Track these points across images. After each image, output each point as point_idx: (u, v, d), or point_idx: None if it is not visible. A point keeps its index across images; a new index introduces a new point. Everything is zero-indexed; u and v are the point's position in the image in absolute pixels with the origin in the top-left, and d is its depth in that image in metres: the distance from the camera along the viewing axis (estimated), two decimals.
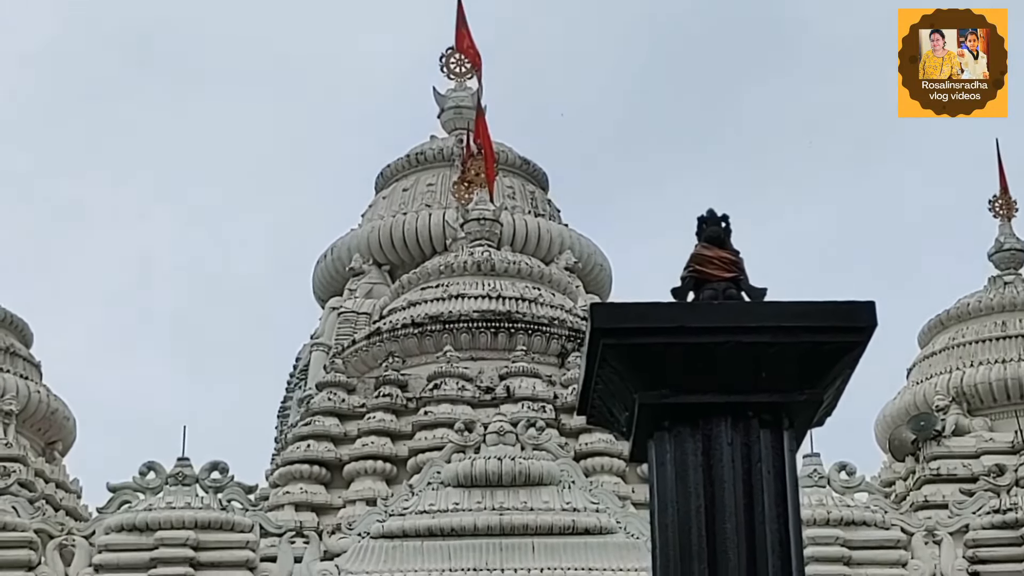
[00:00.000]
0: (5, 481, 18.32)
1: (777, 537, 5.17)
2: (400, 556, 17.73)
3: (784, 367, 5.11)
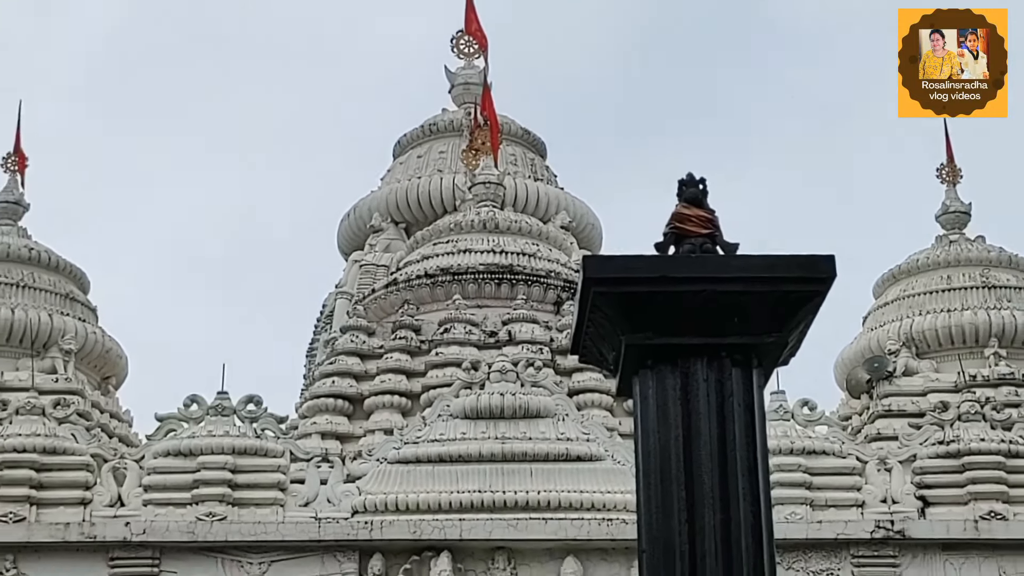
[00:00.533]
0: (64, 411, 18.35)
1: (746, 463, 5.18)
2: (413, 479, 17.78)
3: (754, 313, 5.12)
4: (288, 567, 16.98)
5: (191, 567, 16.97)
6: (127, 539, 16.96)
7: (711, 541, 5.05)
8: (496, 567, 17.11)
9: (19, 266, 22.28)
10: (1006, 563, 17.27)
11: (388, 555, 17.01)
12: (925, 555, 17.26)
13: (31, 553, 16.97)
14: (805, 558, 17.02)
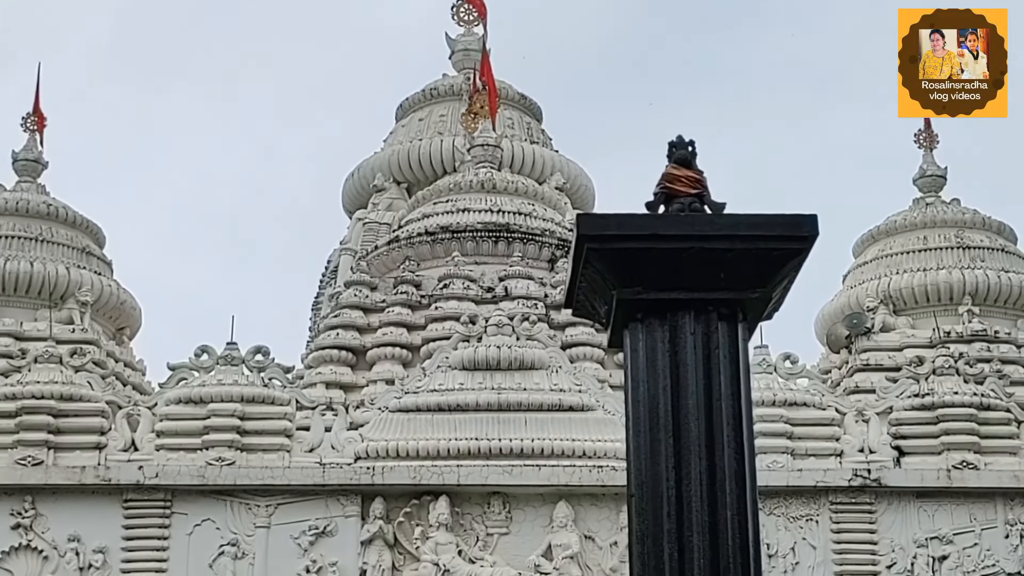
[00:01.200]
0: (81, 360, 18.37)
1: (731, 412, 5.19)
2: (413, 427, 17.82)
3: (740, 269, 5.11)
4: (294, 510, 17.04)
5: (202, 509, 17.03)
6: (140, 482, 17.01)
7: (697, 486, 5.06)
8: (492, 511, 17.17)
9: (38, 221, 22.28)
10: (977, 510, 17.34)
11: (389, 499, 17.06)
12: (900, 502, 17.33)
13: (49, 495, 17.02)
14: (786, 504, 17.08)
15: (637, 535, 5.17)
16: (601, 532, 16.97)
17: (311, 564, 16.79)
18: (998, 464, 17.62)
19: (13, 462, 17.14)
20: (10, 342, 20.41)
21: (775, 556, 16.78)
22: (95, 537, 16.87)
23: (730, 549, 5.05)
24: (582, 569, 16.83)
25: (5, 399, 17.63)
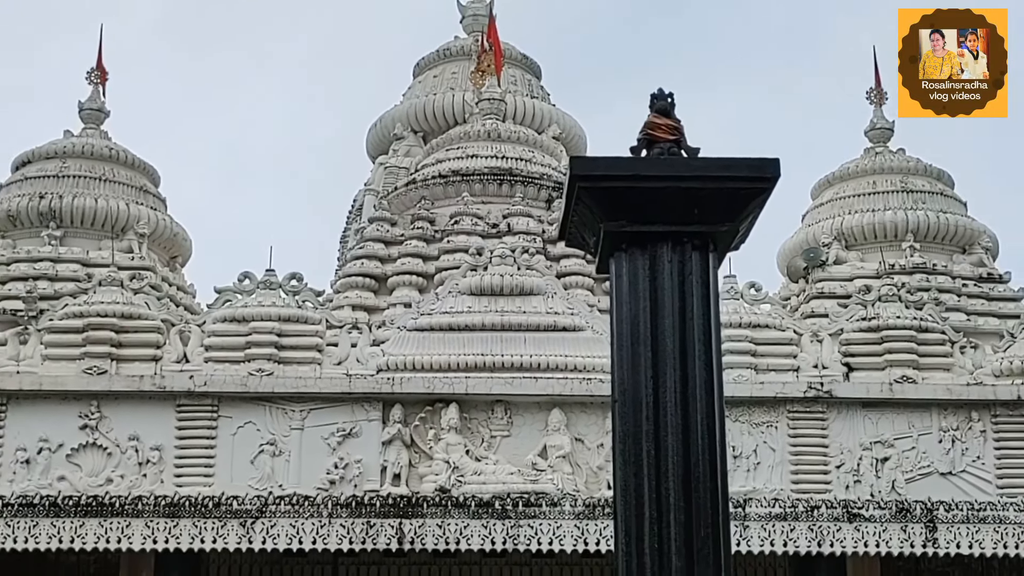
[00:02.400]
0: (139, 283, 18.37)
1: (702, 330, 5.19)
2: (428, 344, 17.86)
3: (711, 206, 5.11)
4: (324, 414, 17.09)
5: (244, 413, 17.09)
6: (191, 390, 17.06)
7: (671, 394, 5.08)
8: (495, 416, 17.22)
9: (101, 163, 22.24)
10: (915, 418, 17.39)
11: (406, 405, 17.11)
12: (848, 411, 17.38)
13: (111, 400, 17.08)
14: (749, 412, 17.14)
15: (619, 435, 5.20)
16: (589, 435, 17.03)
17: (338, 461, 16.87)
18: (934, 379, 17.66)
19: (81, 371, 17.19)
20: (78, 268, 20.46)
21: (739, 457, 16.86)
22: (152, 436, 16.93)
23: (700, 448, 5.08)
24: (573, 467, 16.90)
25: (73, 317, 17.66)
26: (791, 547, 16.42)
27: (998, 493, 17.04)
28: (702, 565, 4.93)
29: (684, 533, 4.94)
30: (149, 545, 16.17)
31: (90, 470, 16.80)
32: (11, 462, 16.79)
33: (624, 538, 5.07)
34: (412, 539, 16.20)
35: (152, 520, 16.19)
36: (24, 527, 16.13)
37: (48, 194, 21.41)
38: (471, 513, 16.27)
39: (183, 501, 16.34)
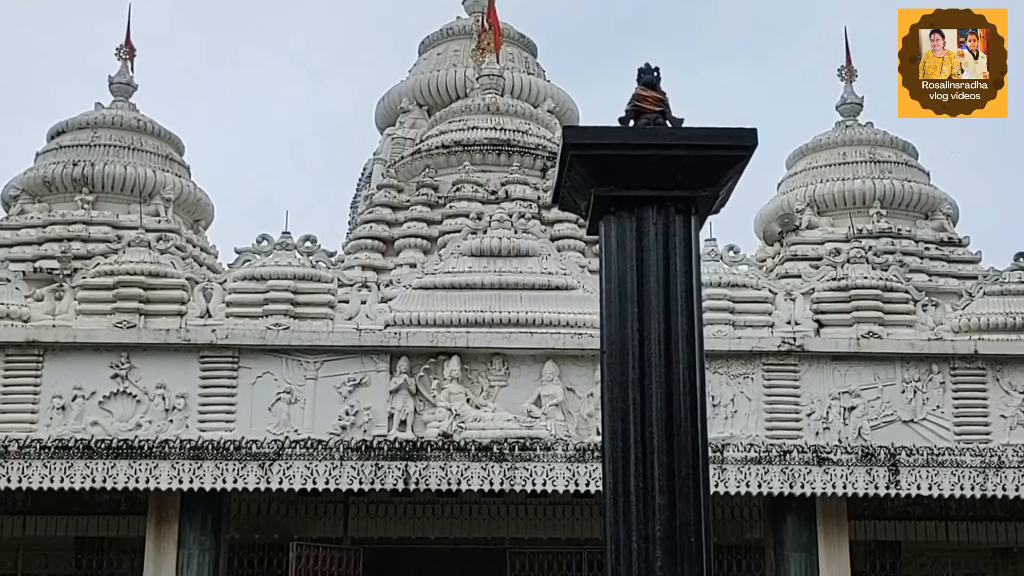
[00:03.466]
0: (165, 244, 18.34)
1: (684, 288, 5.18)
2: (431, 301, 17.86)
3: (693, 172, 5.09)
4: (336, 365, 17.11)
5: (262, 364, 17.11)
6: (213, 342, 17.07)
7: (656, 346, 5.07)
8: (493, 368, 17.25)
9: (130, 133, 22.18)
10: (880, 371, 17.42)
11: (412, 358, 17.14)
12: (818, 364, 17.40)
13: (140, 351, 17.10)
14: (727, 364, 17.17)
15: (607, 384, 5.20)
16: (580, 385, 17.06)
17: (349, 408, 16.90)
18: (897, 335, 17.69)
19: (112, 325, 17.20)
20: (108, 230, 20.42)
21: (718, 406, 16.90)
22: (178, 385, 16.96)
23: (681, 397, 5.08)
24: (565, 414, 16.94)
25: (105, 275, 17.65)
26: (765, 488, 16.49)
27: (956, 439, 17.10)
28: (683, 503, 4.94)
29: (667, 474, 4.95)
30: (175, 485, 16.24)
31: (120, 416, 16.84)
32: (47, 408, 16.83)
33: (611, 479, 5.08)
34: (417, 480, 16.26)
35: (178, 462, 16.24)
36: (60, 468, 16.19)
37: (81, 162, 21.37)
38: (471, 456, 16.33)
39: (206, 445, 16.38)
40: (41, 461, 16.18)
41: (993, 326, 17.84)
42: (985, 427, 17.22)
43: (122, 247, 18.19)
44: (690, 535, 4.91)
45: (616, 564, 4.95)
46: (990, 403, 17.35)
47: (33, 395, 16.88)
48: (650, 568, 4.85)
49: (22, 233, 20.76)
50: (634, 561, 4.88)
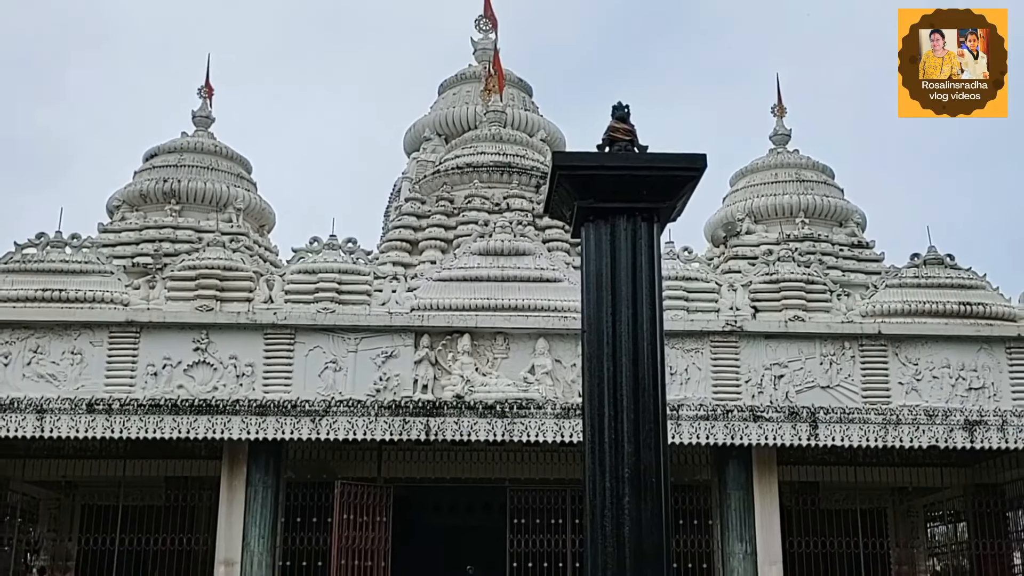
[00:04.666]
0: (237, 244, 18.34)
1: (648, 280, 5.17)
2: (447, 290, 17.82)
3: (655, 188, 5.07)
4: (371, 341, 17.12)
5: (313, 340, 17.10)
6: (275, 322, 17.07)
7: (625, 326, 5.07)
8: (496, 344, 17.24)
9: (208, 156, 22.15)
10: (803, 347, 17.43)
11: (432, 335, 17.14)
12: (754, 341, 17.41)
13: (217, 329, 17.09)
14: (682, 341, 17.17)
15: (587, 357, 5.20)
16: (565, 357, 17.06)
17: (382, 375, 16.91)
18: (817, 318, 17.68)
19: (194, 308, 17.21)
20: (191, 233, 20.42)
21: (675, 374, 16.89)
22: (246, 356, 16.96)
23: (645, 367, 5.08)
24: (553, 381, 16.94)
25: (188, 268, 17.63)
26: (711, 439, 16.50)
27: (863, 401, 17.11)
28: (646, 451, 4.95)
29: (633, 428, 4.95)
30: (244, 435, 16.25)
31: (201, 380, 16.85)
32: (143, 374, 16.84)
33: (590, 432, 5.08)
34: (436, 432, 16.27)
35: (246, 417, 16.25)
36: (153, 422, 16.20)
37: (170, 179, 21.35)
38: (479, 413, 16.33)
39: (269, 403, 16.39)
40: (138, 416, 16.20)
41: (893, 312, 17.84)
42: (886, 392, 17.23)
43: (202, 247, 18.18)
44: (652, 476, 4.92)
45: (593, 499, 4.96)
46: (890, 373, 17.36)
47: (132, 364, 16.88)
48: (619, 502, 4.86)
49: (123, 235, 20.75)
50: (607, 496, 4.89)
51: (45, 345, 16.85)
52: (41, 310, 17.01)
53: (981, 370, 17.35)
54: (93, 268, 17.59)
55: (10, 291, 17.23)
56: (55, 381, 16.68)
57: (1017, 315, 17.97)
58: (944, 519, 22.03)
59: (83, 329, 16.92)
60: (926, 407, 16.88)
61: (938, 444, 16.56)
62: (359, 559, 16.79)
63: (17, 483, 19.82)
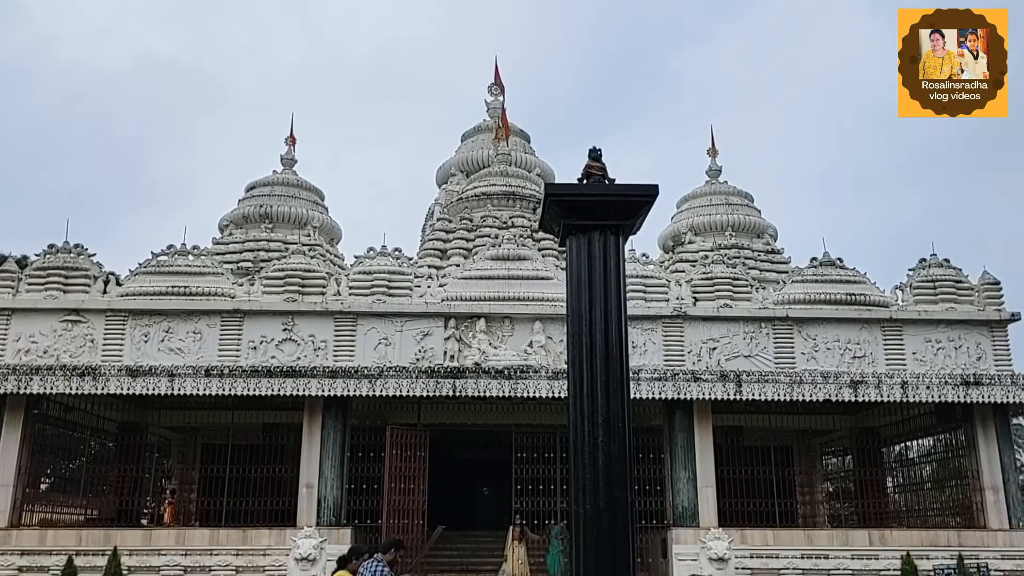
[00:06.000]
0: (313, 252, 18.32)
1: (616, 277, 5.16)
2: (468, 287, 17.77)
3: (621, 210, 5.07)
4: (412, 324, 17.10)
5: (370, 322, 17.07)
6: (342, 310, 17.07)
7: (599, 312, 5.05)
8: (505, 325, 17.21)
9: (293, 188, 22.16)
10: (730, 327, 17.40)
11: (457, 319, 17.12)
12: (695, 323, 17.37)
13: (299, 315, 17.11)
14: (641, 323, 17.14)
15: (571, 334, 5.19)
16: (555, 335, 17.05)
17: (421, 348, 16.90)
18: (741, 306, 17.64)
19: (283, 300, 17.21)
20: (280, 244, 20.43)
21: (635, 347, 16.89)
22: (321, 335, 16.97)
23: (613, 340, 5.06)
24: (546, 352, 16.92)
25: (279, 270, 17.61)
26: (663, 395, 16.47)
27: (775, 366, 17.07)
28: (614, 403, 4.95)
29: (605, 386, 4.95)
30: (320, 393, 16.26)
31: (288, 353, 16.87)
32: (246, 348, 16.86)
33: (573, 389, 5.08)
34: (460, 390, 16.26)
35: (321, 380, 16.26)
36: (253, 383, 16.21)
37: (264, 205, 21.37)
38: (492, 376, 16.32)
39: (338, 369, 16.39)
40: (242, 379, 16.21)
41: (797, 300, 17.78)
42: (792, 360, 17.19)
43: (288, 255, 18.16)
44: (619, 421, 4.92)
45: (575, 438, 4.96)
46: (795, 346, 17.31)
47: (237, 341, 16.90)
48: (595, 441, 4.86)
49: (231, 246, 20.77)
50: (586, 436, 4.89)
51: (174, 327, 16.89)
52: (171, 301, 17.04)
53: (863, 343, 17.31)
54: (209, 270, 17.61)
55: (149, 287, 17.27)
56: (181, 354, 16.72)
57: (889, 302, 17.92)
58: (835, 453, 22.01)
59: (202, 315, 16.95)
60: (822, 371, 16.85)
61: (831, 398, 16.53)
62: (404, 483, 16.82)
63: (154, 428, 19.89)
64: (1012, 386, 16.53)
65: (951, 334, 17.37)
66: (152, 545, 15.75)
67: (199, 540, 15.87)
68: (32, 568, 15.34)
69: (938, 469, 19.00)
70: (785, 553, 16.18)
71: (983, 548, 16.16)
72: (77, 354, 16.58)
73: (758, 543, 16.23)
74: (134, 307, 16.91)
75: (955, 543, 16.20)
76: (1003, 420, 17.15)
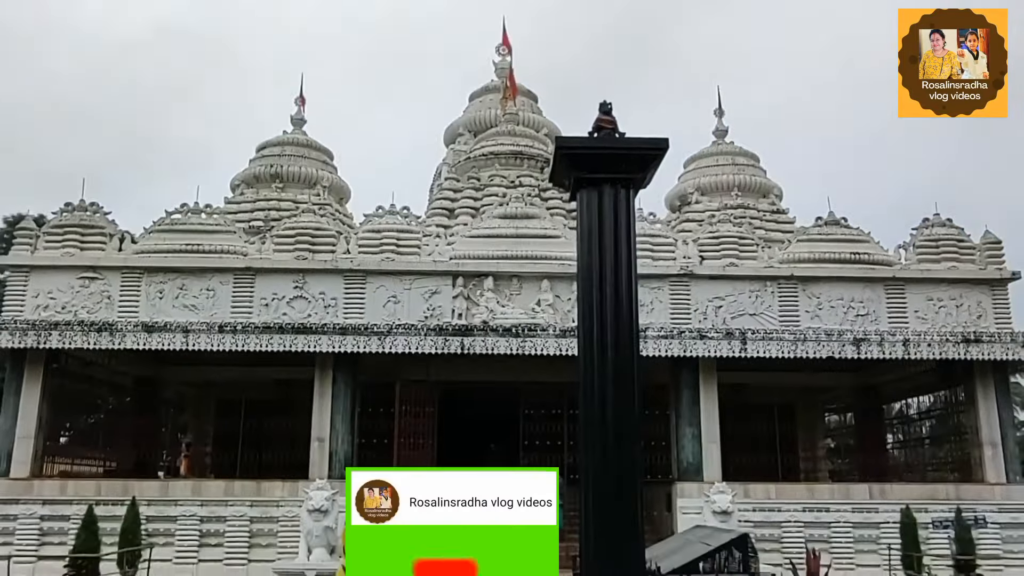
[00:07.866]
0: (324, 211, 18.22)
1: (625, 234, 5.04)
2: (476, 244, 17.67)
3: (631, 163, 4.92)
4: (421, 281, 17.06)
5: (379, 280, 17.06)
6: (351, 268, 17.02)
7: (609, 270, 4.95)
8: (512, 283, 17.15)
9: (302, 147, 21.95)
10: (736, 285, 17.30)
11: (465, 277, 17.06)
12: (701, 281, 17.29)
13: (310, 273, 17.07)
14: (649, 281, 17.06)
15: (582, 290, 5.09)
16: (563, 294, 16.98)
17: (429, 307, 16.88)
18: (747, 265, 17.50)
19: (293, 258, 17.15)
20: (290, 204, 20.29)
21: (643, 305, 16.80)
22: (331, 292, 16.95)
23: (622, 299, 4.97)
24: (555, 311, 16.88)
25: (289, 229, 17.54)
26: (670, 352, 16.45)
27: (779, 324, 17.00)
28: (622, 358, 4.87)
29: (614, 343, 4.87)
30: (330, 349, 16.28)
31: (299, 310, 16.87)
32: (258, 305, 16.86)
33: (584, 344, 5.00)
34: (468, 347, 16.26)
35: (331, 336, 16.27)
36: (265, 339, 16.25)
37: (275, 165, 21.22)
38: (500, 334, 16.31)
39: (348, 326, 16.40)
40: (255, 335, 16.23)
41: (801, 259, 17.64)
42: (796, 318, 17.10)
43: (298, 213, 18.07)
44: (627, 378, 4.85)
45: (586, 393, 4.89)
46: (799, 304, 17.21)
47: (249, 298, 16.89)
48: (605, 396, 4.80)
49: (242, 206, 20.66)
50: (596, 392, 4.83)
51: (188, 284, 16.87)
52: (185, 258, 17.01)
53: (866, 302, 17.20)
54: (221, 228, 17.53)
55: (163, 245, 17.23)
56: (195, 310, 16.73)
57: (892, 261, 17.75)
58: (837, 410, 22.05)
59: (215, 273, 16.92)
60: (825, 329, 16.77)
61: (834, 355, 16.48)
62: (413, 438, 16.93)
63: (170, 383, 20.02)
64: (1012, 344, 16.44)
65: (952, 292, 17.25)
66: (169, 496, 15.95)
67: (215, 492, 16.06)
68: (54, 516, 15.57)
69: (937, 426, 19.02)
70: (787, 507, 16.29)
71: (980, 501, 16.23)
72: (94, 310, 16.62)
73: (760, 497, 16.34)
74: (149, 264, 16.90)
75: (953, 496, 16.27)
76: (1002, 377, 17.11)
